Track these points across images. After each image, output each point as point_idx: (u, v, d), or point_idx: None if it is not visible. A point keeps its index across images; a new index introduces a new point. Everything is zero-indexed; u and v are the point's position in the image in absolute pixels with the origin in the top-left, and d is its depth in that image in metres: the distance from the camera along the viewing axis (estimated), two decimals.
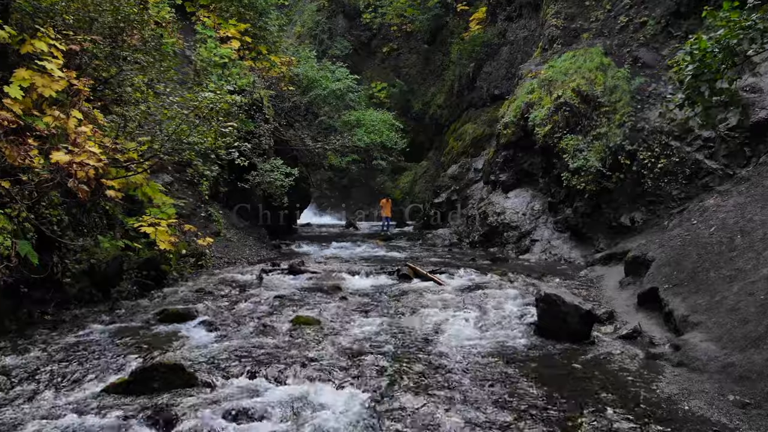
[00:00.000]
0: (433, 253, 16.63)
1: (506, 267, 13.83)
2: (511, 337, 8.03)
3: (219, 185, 17.26)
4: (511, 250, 16.32)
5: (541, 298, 8.21)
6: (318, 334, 8.00)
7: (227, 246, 15.06)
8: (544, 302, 8.16)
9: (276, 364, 6.74)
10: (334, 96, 19.92)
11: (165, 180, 14.88)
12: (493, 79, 25.88)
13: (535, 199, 17.06)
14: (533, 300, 9.67)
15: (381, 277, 12.40)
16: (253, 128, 17.64)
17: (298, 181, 22.74)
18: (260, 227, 17.89)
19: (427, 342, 7.71)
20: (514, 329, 8.39)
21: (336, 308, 9.46)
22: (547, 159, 16.25)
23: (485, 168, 21.08)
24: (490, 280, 12.06)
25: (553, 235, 15.53)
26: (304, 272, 12.65)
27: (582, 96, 15.36)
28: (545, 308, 8.15)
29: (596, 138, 14.47)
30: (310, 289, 11.01)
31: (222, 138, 10.65)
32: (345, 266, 13.57)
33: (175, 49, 16.38)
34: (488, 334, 8.15)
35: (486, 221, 17.58)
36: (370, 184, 31.15)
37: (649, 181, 13.42)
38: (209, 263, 13.66)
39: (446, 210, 22.19)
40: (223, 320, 8.89)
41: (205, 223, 15.33)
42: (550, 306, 8.08)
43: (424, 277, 12.13)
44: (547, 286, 10.80)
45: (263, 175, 16.81)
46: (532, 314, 8.91)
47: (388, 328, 8.29)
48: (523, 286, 11.21)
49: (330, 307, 9.49)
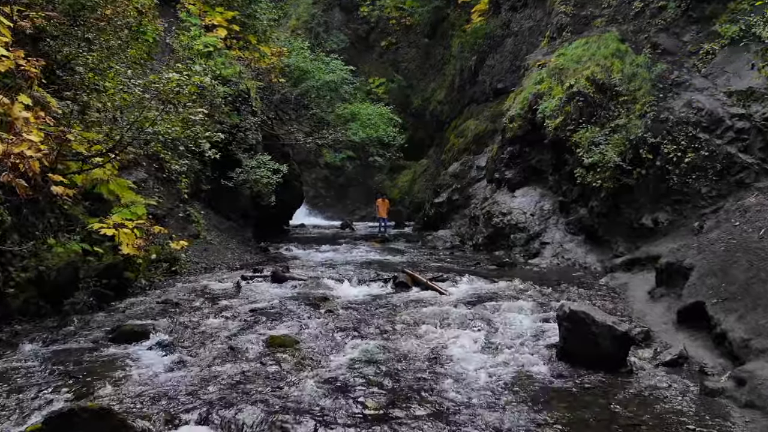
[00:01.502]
0: (434, 257, 15.16)
1: (514, 273, 12.35)
2: (530, 364, 6.56)
3: (201, 183, 15.79)
4: (519, 253, 14.84)
5: (566, 316, 6.74)
6: (295, 360, 6.53)
7: (207, 250, 13.59)
8: (570, 321, 6.69)
9: (237, 405, 5.27)
10: (327, 88, 18.45)
11: (139, 177, 13.41)
12: (496, 73, 24.44)
13: (545, 198, 15.59)
14: (552, 315, 8.20)
15: (375, 286, 10.92)
16: (238, 121, 16.18)
17: (289, 179, 21.28)
18: (246, 229, 16.41)
19: (427, 372, 6.23)
20: (532, 353, 6.91)
21: (320, 325, 7.98)
22: (558, 154, 14.78)
23: (489, 165, 19.62)
24: (498, 288, 10.59)
25: (566, 237, 14.06)
26: (288, 280, 11.18)
27: (597, 85, 13.89)
28: (571, 328, 6.68)
29: (614, 130, 12.99)
30: (293, 300, 9.54)
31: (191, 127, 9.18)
32: (335, 272, 12.10)
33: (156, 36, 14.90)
34: (501, 359, 6.67)
35: (491, 222, 16.11)
36: (367, 183, 29.69)
37: (674, 178, 11.94)
38: (184, 269, 12.19)
39: (447, 210, 20.73)
40: (184, 340, 7.42)
41: (183, 225, 13.86)
42: (578, 325, 6.61)
43: (423, 286, 10.66)
44: (566, 298, 9.34)
45: (248, 172, 15.32)
46: (552, 333, 7.44)
47: (381, 353, 6.81)
48: (536, 297, 9.73)
49: (313, 324, 8.02)
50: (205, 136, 10.33)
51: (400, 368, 6.29)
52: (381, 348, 6.99)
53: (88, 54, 8.67)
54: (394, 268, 12.77)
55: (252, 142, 16.26)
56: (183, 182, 14.32)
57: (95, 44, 9.93)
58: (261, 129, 17.39)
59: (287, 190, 20.68)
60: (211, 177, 16.02)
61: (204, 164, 15.89)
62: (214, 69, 16.28)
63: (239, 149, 15.89)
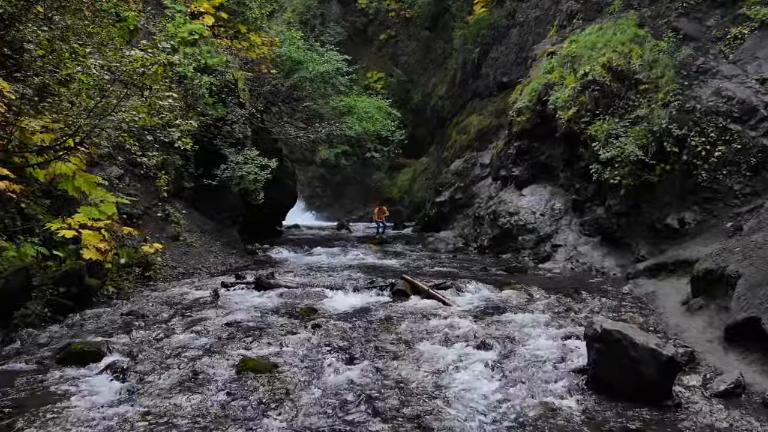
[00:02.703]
0: (436, 261, 14.02)
1: (525, 279, 11.22)
2: (554, 395, 5.42)
3: (183, 180, 14.65)
4: (528, 256, 13.71)
5: (597, 336, 5.60)
6: (269, 390, 5.39)
7: (187, 253, 12.45)
8: (603, 342, 5.55)
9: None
10: (321, 79, 17.31)
11: (113, 173, 12.31)
12: (500, 66, 23.32)
13: (556, 197, 14.46)
14: (574, 330, 7.08)
15: (371, 294, 9.79)
16: (224, 114, 15.03)
17: (282, 177, 20.14)
18: (233, 229, 15.26)
19: (430, 406, 5.09)
20: (556, 380, 5.77)
21: (304, 343, 6.84)
22: (571, 148, 13.66)
23: (494, 162, 18.50)
24: (509, 297, 9.45)
25: (580, 239, 12.92)
26: (274, 287, 10.04)
27: (614, 72, 12.76)
28: (604, 351, 5.54)
29: (635, 122, 11.86)
30: (276, 312, 8.41)
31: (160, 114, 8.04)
32: (327, 278, 10.97)
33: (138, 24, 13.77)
34: (518, 391, 5.53)
35: (497, 223, 14.98)
36: (365, 182, 28.59)
37: (703, 173, 10.82)
38: (159, 275, 11.06)
39: (449, 210, 19.60)
40: (143, 363, 6.28)
41: (161, 226, 12.74)
42: (613, 348, 5.48)
43: (424, 294, 9.52)
44: (589, 310, 8.22)
45: (234, 169, 14.17)
46: (578, 354, 6.32)
47: (374, 381, 5.67)
48: (553, 308, 8.59)
49: (296, 342, 6.88)
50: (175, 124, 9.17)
51: (397, 402, 5.15)
52: (374, 373, 5.86)
53: (40, 31, 7.52)
54: (392, 274, 11.64)
55: (239, 136, 15.11)
56: (162, 179, 13.20)
57: (57, 24, 8.82)
58: (250, 123, 16.24)
59: (280, 188, 19.57)
60: (194, 174, 14.88)
61: (187, 159, 14.77)
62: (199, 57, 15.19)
63: (225, 143, 14.75)
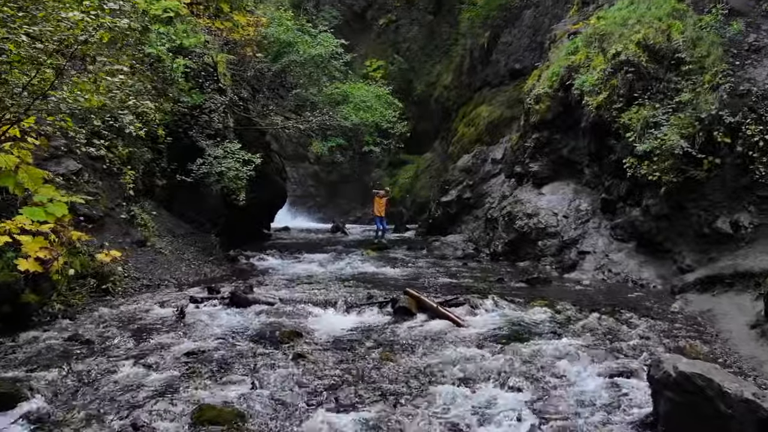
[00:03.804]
0: (443, 270, 12.83)
1: (551, 293, 10.03)
2: None
3: (154, 176, 13.46)
4: (550, 264, 12.52)
5: (670, 381, 4.42)
6: None
7: (154, 261, 11.25)
8: (678, 389, 4.37)
9: None
10: (313, 64, 16.13)
11: (70, 167, 11.14)
12: (512, 51, 22.19)
13: (581, 196, 13.27)
14: (627, 364, 5.91)
15: (368, 312, 8.59)
16: (202, 101, 13.85)
17: (269, 174, 18.95)
18: (210, 233, 14.06)
19: None
20: None
21: (283, 382, 5.65)
22: (600, 140, 12.48)
23: (508, 157, 17.33)
24: (536, 317, 8.26)
25: (611, 245, 11.73)
26: (252, 303, 8.84)
27: (651, 51, 11.58)
28: (680, 401, 4.36)
29: (678, 108, 10.68)
30: (252, 336, 7.22)
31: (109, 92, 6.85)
32: (317, 292, 9.77)
33: None
34: None
35: (513, 225, 13.79)
36: (363, 180, 27.43)
37: (761, 168, 9.63)
38: (119, 287, 9.86)
39: (457, 211, 18.44)
40: (72, 411, 5.09)
41: (125, 229, 11.54)
42: (692, 398, 4.29)
43: (433, 312, 8.32)
44: (638, 336, 7.03)
45: (212, 164, 12.98)
46: (634, 398, 5.14)
47: None
48: (593, 331, 7.40)
49: (273, 381, 5.68)
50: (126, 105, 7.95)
51: None
52: (371, 429, 4.66)
53: None
54: (393, 286, 10.46)
55: (218, 127, 13.92)
56: (128, 175, 12.03)
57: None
58: (232, 111, 15.07)
59: (267, 186, 18.40)
60: (167, 169, 13.70)
61: (158, 153, 13.60)
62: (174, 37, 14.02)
63: (202, 135, 13.56)
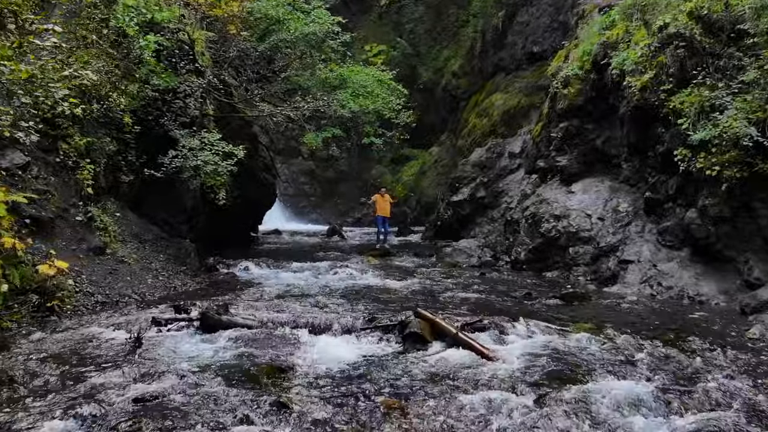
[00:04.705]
0: (458, 281, 11.49)
1: (593, 312, 8.70)
2: None
3: (120, 172, 12.14)
4: (584, 275, 11.21)
5: None
6: None
7: (114, 272, 9.91)
8: None
9: None
10: (306, 43, 14.81)
11: (15, 160, 9.90)
12: (530, 32, 20.98)
13: (618, 194, 11.94)
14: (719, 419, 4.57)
15: (370, 339, 7.25)
16: (176, 84, 12.52)
17: (257, 170, 17.66)
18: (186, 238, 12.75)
19: None
20: None
21: None
22: (642, 128, 11.15)
23: (529, 150, 16.03)
24: (582, 347, 6.92)
25: (659, 252, 10.38)
26: (227, 326, 7.51)
27: (706, 22, 10.24)
28: None
29: (741, 90, 9.35)
30: (223, 374, 5.89)
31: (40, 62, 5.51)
32: (308, 311, 8.42)
33: None
34: None
35: (538, 229, 12.46)
36: (363, 178, 26.39)
37: None
38: (68, 305, 8.54)
39: (470, 212, 17.16)
40: None
41: (81, 234, 10.21)
42: None
43: (452, 340, 6.99)
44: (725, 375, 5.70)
45: (187, 156, 11.65)
46: None
47: None
48: (659, 367, 6.06)
49: None
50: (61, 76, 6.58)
51: None
52: None
53: None
54: (399, 302, 9.13)
55: (194, 114, 12.62)
56: (86, 170, 10.73)
57: None
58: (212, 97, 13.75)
59: (254, 183, 17.14)
60: (135, 163, 12.37)
61: (125, 144, 12.28)
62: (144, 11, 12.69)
63: (176, 123, 12.24)
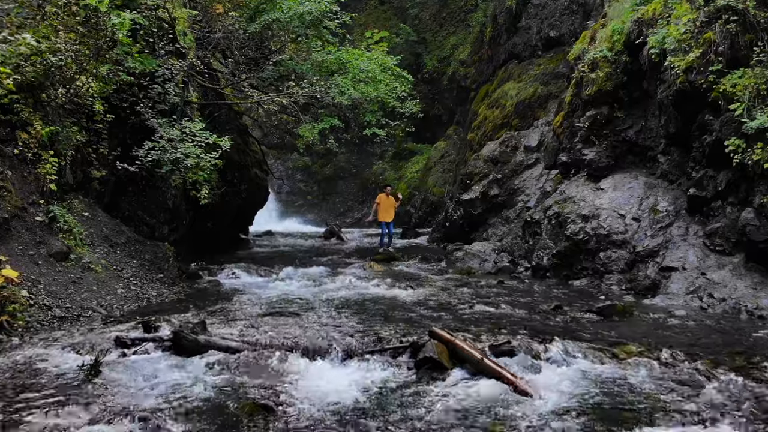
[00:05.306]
0: (473, 291, 10.44)
1: (637, 329, 7.66)
2: None
3: (90, 165, 11.11)
4: (618, 284, 10.18)
5: None
6: None
7: (78, 281, 8.87)
8: None
9: None
10: (300, 24, 13.78)
11: None
12: (547, 15, 20.01)
13: (656, 191, 10.91)
14: None
15: (374, 365, 6.20)
16: (154, 68, 11.50)
17: (247, 165, 16.65)
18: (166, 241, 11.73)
19: None
20: None
21: None
22: (686, 116, 10.12)
23: (548, 143, 15.02)
24: (635, 375, 5.88)
25: (707, 258, 9.34)
26: (204, 349, 6.48)
27: None
28: None
29: None
30: (195, 414, 4.85)
31: None
32: (301, 329, 7.37)
33: None
34: None
35: (563, 231, 11.42)
36: (363, 174, 25.59)
37: None
38: (20, 320, 7.50)
39: (482, 211, 16.17)
40: None
41: (40, 237, 9.17)
42: None
43: (475, 368, 5.95)
44: None
45: (165, 148, 10.61)
46: None
47: None
48: (740, 403, 5.03)
49: None
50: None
51: None
52: None
53: None
54: (409, 316, 8.09)
55: (175, 101, 11.59)
56: (49, 163, 9.74)
57: None
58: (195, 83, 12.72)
59: (244, 180, 16.21)
60: (108, 157, 11.34)
61: (96, 135, 11.25)
62: None
63: (153, 111, 11.21)
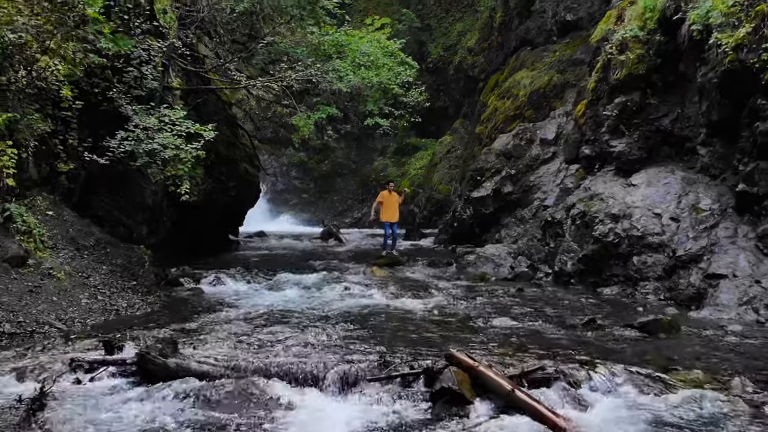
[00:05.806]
0: (490, 300, 9.48)
1: (689, 349, 6.72)
2: None
3: (56, 158, 10.19)
4: (655, 293, 9.26)
5: None
6: None
7: (36, 290, 7.90)
8: None
9: None
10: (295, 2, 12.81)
11: None
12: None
13: (696, 188, 9.96)
14: None
15: (380, 397, 5.24)
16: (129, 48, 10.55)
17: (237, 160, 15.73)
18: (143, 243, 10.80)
19: None
20: None
21: None
22: (734, 100, 9.17)
23: (568, 135, 14.11)
24: (697, 409, 4.95)
25: (761, 263, 8.38)
26: (175, 375, 5.53)
27: None
28: None
29: None
30: None
31: None
32: (292, 350, 6.40)
33: None
34: None
35: (590, 232, 10.47)
36: (363, 171, 24.99)
37: None
38: None
39: (495, 210, 15.31)
40: None
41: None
42: None
43: (505, 400, 5.00)
44: None
45: (140, 138, 9.67)
46: None
47: None
48: None
49: None
50: None
51: None
52: None
53: None
54: (420, 333, 7.13)
55: (152, 86, 10.66)
56: (7, 155, 8.85)
57: None
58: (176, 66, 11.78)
59: (233, 176, 15.39)
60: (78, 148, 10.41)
61: (64, 124, 10.35)
62: None
63: (127, 97, 10.27)
